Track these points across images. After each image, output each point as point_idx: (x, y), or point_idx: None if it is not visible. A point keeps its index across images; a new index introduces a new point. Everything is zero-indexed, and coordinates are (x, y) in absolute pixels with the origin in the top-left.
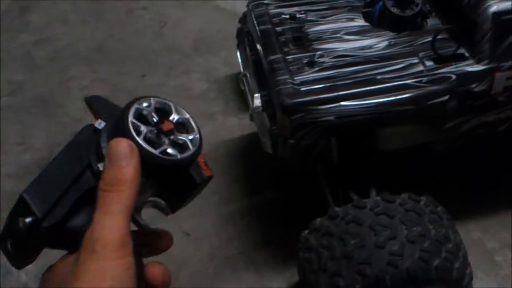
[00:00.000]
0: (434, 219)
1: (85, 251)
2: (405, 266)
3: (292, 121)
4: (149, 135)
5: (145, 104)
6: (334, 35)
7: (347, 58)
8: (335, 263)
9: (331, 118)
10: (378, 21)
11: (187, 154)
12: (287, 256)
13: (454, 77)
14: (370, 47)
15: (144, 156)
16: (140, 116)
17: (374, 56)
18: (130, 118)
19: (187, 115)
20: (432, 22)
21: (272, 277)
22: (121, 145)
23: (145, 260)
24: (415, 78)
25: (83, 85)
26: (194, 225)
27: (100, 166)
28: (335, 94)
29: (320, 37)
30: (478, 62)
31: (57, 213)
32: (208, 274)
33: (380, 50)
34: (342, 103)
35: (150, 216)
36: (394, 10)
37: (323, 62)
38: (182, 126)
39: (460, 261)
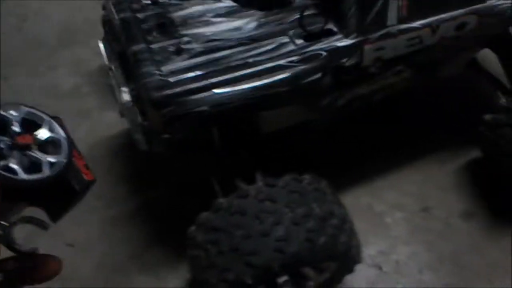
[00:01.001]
0: (318, 197)
1: None
2: (291, 250)
3: (164, 115)
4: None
5: (12, 112)
6: (201, 18)
7: (217, 42)
8: (223, 258)
9: (205, 108)
10: (246, 0)
11: (34, 176)
12: (180, 253)
13: (324, 53)
14: (239, 28)
15: None
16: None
17: (244, 38)
18: None
19: (62, 135)
20: None
21: (167, 277)
22: None
23: None
24: (287, 58)
25: None
26: (78, 234)
27: None
28: (206, 82)
29: (186, 22)
30: (346, 36)
31: None
32: (99, 284)
33: (250, 31)
34: (215, 91)
35: (28, 233)
36: None
37: (191, 49)
38: (52, 145)
39: (346, 235)
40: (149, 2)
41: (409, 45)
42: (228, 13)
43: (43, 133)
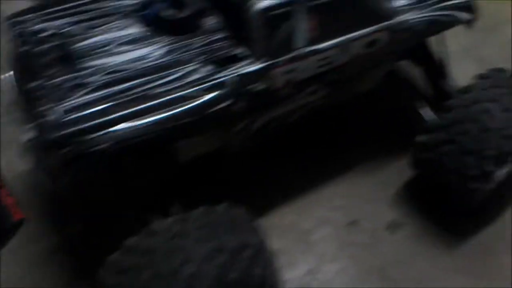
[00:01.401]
0: (232, 228)
1: None
2: None
3: (62, 156)
4: None
5: None
6: (105, 48)
7: (119, 74)
8: None
9: (106, 145)
10: (153, 26)
11: None
12: None
13: (233, 79)
14: (145, 57)
15: None
16: None
17: (149, 67)
18: None
19: None
20: (211, 21)
21: None
22: None
23: None
24: (194, 87)
25: None
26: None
27: None
28: (106, 118)
29: (89, 53)
30: (255, 61)
31: None
32: None
33: (156, 59)
34: (116, 127)
35: None
36: (168, 12)
37: (92, 82)
38: None
39: (261, 266)
40: (51, 33)
41: (320, 66)
42: (135, 41)
43: None
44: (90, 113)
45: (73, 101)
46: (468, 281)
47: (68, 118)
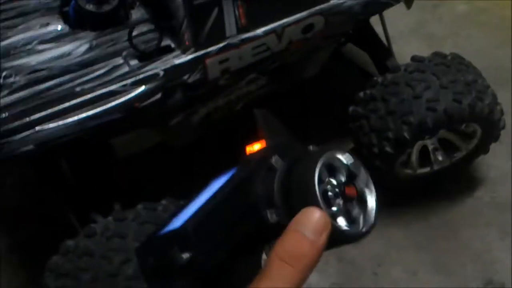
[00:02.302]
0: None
1: None
2: None
3: None
4: (331, 202)
5: (338, 157)
6: (26, 47)
7: (42, 72)
8: None
9: (30, 147)
10: (75, 22)
11: (357, 232)
12: None
13: (162, 73)
14: (68, 54)
15: None
16: (327, 169)
17: (73, 64)
18: (317, 183)
19: (373, 186)
20: (137, 13)
21: None
22: (318, 218)
23: None
24: (120, 82)
25: None
26: None
27: (269, 213)
28: (28, 119)
29: (9, 53)
30: (184, 52)
31: (213, 259)
32: None
33: (80, 55)
34: (38, 127)
35: None
36: (89, 7)
37: (12, 83)
38: (361, 196)
39: None
40: None
41: (256, 54)
42: (57, 38)
43: (361, 183)
44: (10, 115)
45: None
46: (427, 258)
47: None
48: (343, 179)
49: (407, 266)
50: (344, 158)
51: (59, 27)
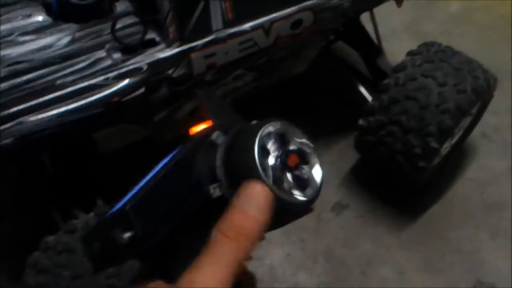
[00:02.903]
0: None
1: None
2: None
3: None
4: (275, 173)
5: (268, 130)
6: (6, 39)
7: (22, 65)
8: None
9: (10, 140)
10: (58, 13)
11: (310, 193)
12: None
13: (145, 67)
14: (50, 46)
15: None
16: (263, 147)
17: (54, 56)
18: (257, 154)
19: (307, 141)
20: (121, 6)
21: None
22: (258, 193)
23: None
24: (102, 75)
25: None
26: None
27: (212, 188)
28: (8, 111)
29: None
30: (168, 46)
31: (155, 236)
32: None
33: (62, 48)
34: (19, 120)
35: None
36: None
37: None
38: (303, 155)
39: None
40: None
41: (243, 49)
42: (39, 29)
43: (295, 145)
44: None
45: None
46: (416, 257)
47: None
48: (277, 151)
49: (396, 266)
50: (273, 128)
51: (41, 19)
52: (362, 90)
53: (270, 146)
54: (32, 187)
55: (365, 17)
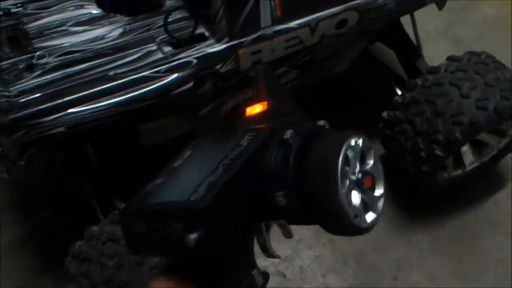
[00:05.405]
0: None
1: None
2: None
3: (15, 141)
4: (349, 186)
5: (352, 142)
6: (59, 29)
7: (75, 55)
8: None
9: (61, 129)
10: (110, 5)
11: (371, 220)
12: None
13: (195, 61)
14: (102, 37)
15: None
16: (346, 157)
17: (106, 48)
18: (341, 160)
19: (381, 166)
20: (171, 0)
21: None
22: None
23: None
24: (153, 68)
25: None
26: None
27: (280, 196)
28: (61, 101)
29: (42, 33)
30: (218, 41)
31: (223, 237)
32: None
33: (114, 40)
34: (71, 110)
35: None
36: None
37: (45, 64)
38: (373, 179)
39: None
40: (1, 13)
41: (288, 46)
42: (91, 21)
43: (369, 165)
44: (43, 95)
45: (25, 84)
46: (448, 263)
47: (20, 101)
48: (357, 168)
49: (427, 271)
50: (357, 141)
51: (93, 10)
52: (396, 89)
53: (351, 158)
54: (77, 177)
55: (403, 20)
